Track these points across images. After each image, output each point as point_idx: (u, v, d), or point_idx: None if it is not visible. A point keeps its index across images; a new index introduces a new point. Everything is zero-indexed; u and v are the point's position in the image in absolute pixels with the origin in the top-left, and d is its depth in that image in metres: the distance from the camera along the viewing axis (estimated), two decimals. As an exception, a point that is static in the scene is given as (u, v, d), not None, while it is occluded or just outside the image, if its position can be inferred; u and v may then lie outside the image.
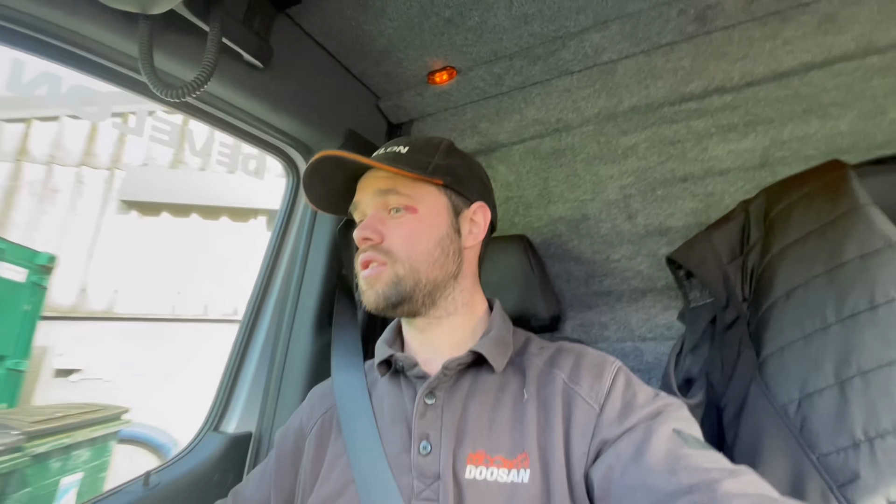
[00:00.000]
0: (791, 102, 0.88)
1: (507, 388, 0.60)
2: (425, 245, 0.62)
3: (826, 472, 0.55)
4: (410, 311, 0.63)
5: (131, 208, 6.58)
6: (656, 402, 0.54)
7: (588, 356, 0.61)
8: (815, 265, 0.65)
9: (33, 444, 2.89)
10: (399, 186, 0.64)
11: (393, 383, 0.66)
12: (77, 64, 0.70)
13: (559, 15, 0.92)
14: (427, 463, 0.55)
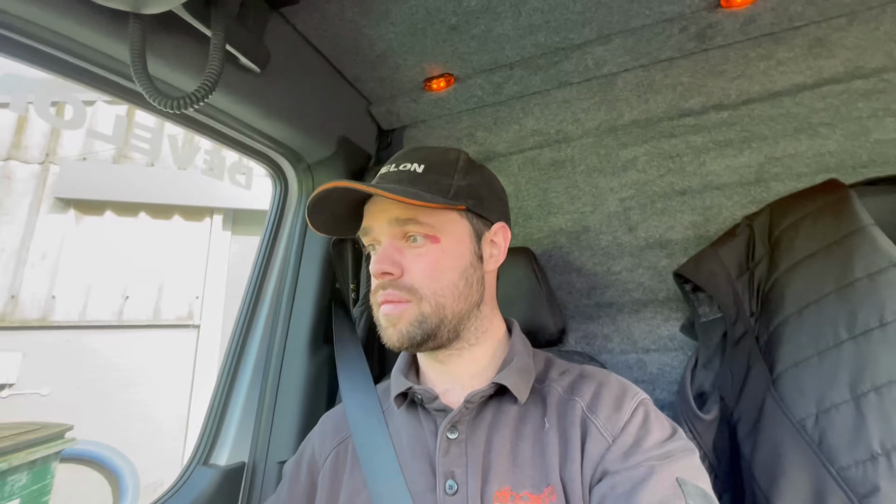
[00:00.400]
0: (783, 121, 0.92)
1: (528, 419, 0.58)
2: (449, 278, 0.58)
3: (847, 485, 0.58)
4: (435, 346, 0.60)
5: (69, 206, 6.05)
6: (668, 445, 0.52)
7: (609, 385, 0.59)
8: (825, 283, 0.67)
9: (-37, 471, 2.61)
10: (419, 215, 0.58)
11: (411, 415, 0.63)
12: (63, 70, 0.62)
13: (565, 27, 0.91)
14: (455, 503, 0.53)
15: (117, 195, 6.02)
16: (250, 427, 0.94)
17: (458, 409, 0.57)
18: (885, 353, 0.60)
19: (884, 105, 0.86)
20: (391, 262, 0.57)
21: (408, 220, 0.58)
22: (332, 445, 0.67)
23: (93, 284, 5.82)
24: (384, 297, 0.57)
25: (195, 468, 0.87)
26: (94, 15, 0.56)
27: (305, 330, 1.01)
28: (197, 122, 0.83)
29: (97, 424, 5.10)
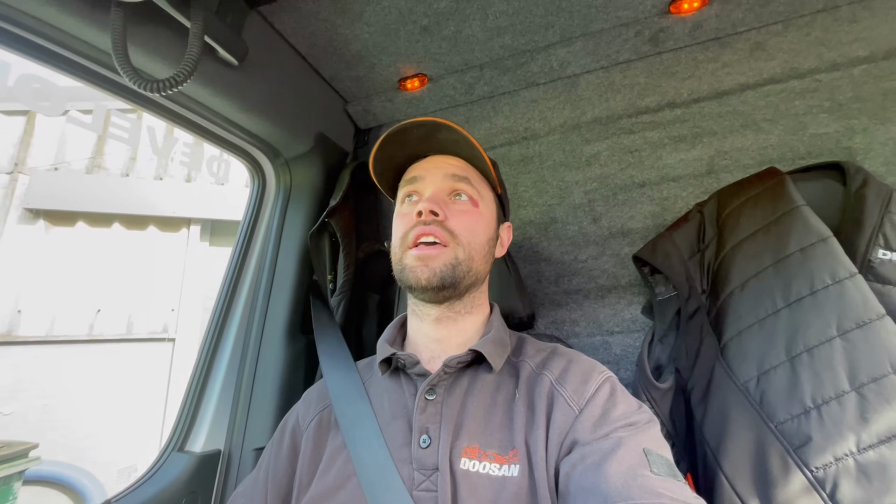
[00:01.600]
0: (730, 118, 0.99)
1: (501, 388, 0.62)
2: (481, 238, 0.66)
3: (783, 437, 0.63)
4: (450, 296, 0.64)
5: (38, 217, 5.87)
6: (634, 416, 0.55)
7: (579, 362, 0.63)
8: (763, 258, 0.74)
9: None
10: (472, 177, 0.67)
11: (393, 381, 0.67)
12: (42, 56, 0.64)
13: (529, 30, 0.98)
14: (426, 455, 0.57)
15: (90, 206, 5.87)
16: (226, 414, 0.94)
17: (437, 373, 0.61)
18: (815, 318, 0.66)
19: (817, 102, 0.94)
20: (440, 205, 0.63)
21: (464, 177, 0.66)
22: (316, 411, 0.70)
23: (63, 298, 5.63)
24: (423, 231, 0.62)
25: (170, 454, 0.87)
26: (76, 3, 0.59)
27: (283, 320, 1.03)
28: (177, 115, 0.85)
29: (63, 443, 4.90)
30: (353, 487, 0.58)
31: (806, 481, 0.60)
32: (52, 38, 0.62)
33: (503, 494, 0.52)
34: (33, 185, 5.86)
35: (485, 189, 0.69)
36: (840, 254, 0.68)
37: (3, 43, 0.60)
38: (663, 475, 0.46)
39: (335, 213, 1.05)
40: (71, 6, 0.59)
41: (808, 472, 0.60)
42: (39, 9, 0.58)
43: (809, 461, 0.60)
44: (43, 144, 6.12)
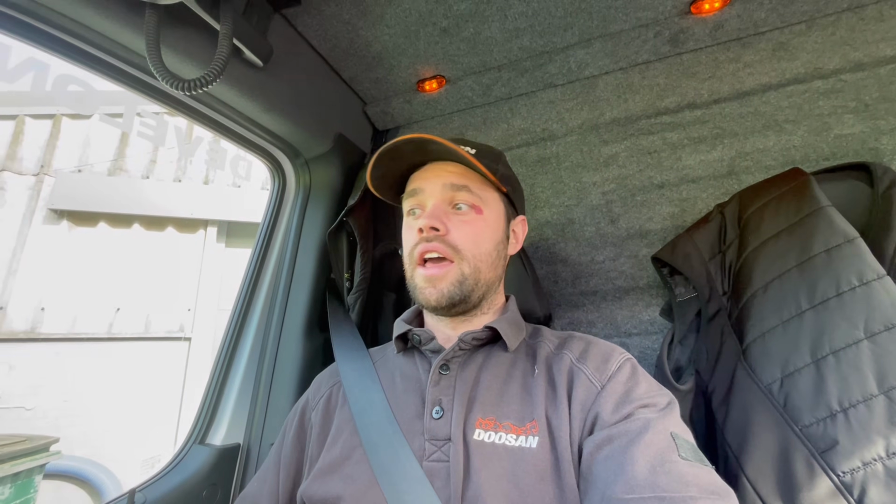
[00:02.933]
0: (752, 118, 0.98)
1: (518, 365, 0.62)
2: (487, 246, 0.65)
3: (809, 441, 0.62)
4: (464, 310, 0.65)
5: (62, 217, 6.04)
6: (657, 396, 0.54)
7: (599, 344, 0.64)
8: (787, 260, 0.73)
9: (-55, 482, 2.56)
10: (472, 185, 0.65)
11: (407, 357, 0.68)
12: (72, 55, 0.66)
13: (548, 31, 0.98)
14: (439, 426, 0.57)
15: (111, 207, 6.02)
16: (246, 409, 0.96)
17: (452, 348, 0.61)
18: (842, 320, 0.65)
19: (842, 103, 0.93)
20: (440, 220, 0.62)
21: (462, 186, 0.65)
22: (326, 388, 0.72)
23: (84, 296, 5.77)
24: (426, 248, 0.62)
25: (192, 446, 0.89)
26: (112, 6, 0.61)
27: (301, 317, 1.04)
28: (203, 115, 0.88)
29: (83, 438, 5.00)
30: (358, 458, 0.59)
31: (832, 486, 0.58)
32: (88, 40, 0.64)
33: (521, 465, 0.51)
34: (58, 187, 6.03)
35: (488, 191, 0.68)
36: (867, 255, 0.67)
37: (44, 44, 0.62)
38: (691, 460, 0.46)
39: (353, 212, 1.06)
40: (107, 9, 0.61)
41: (835, 476, 0.59)
42: (78, 12, 0.60)
43: (836, 465, 0.59)
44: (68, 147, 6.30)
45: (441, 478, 0.53)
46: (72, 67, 0.68)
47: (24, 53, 4.64)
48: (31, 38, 0.61)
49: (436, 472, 0.54)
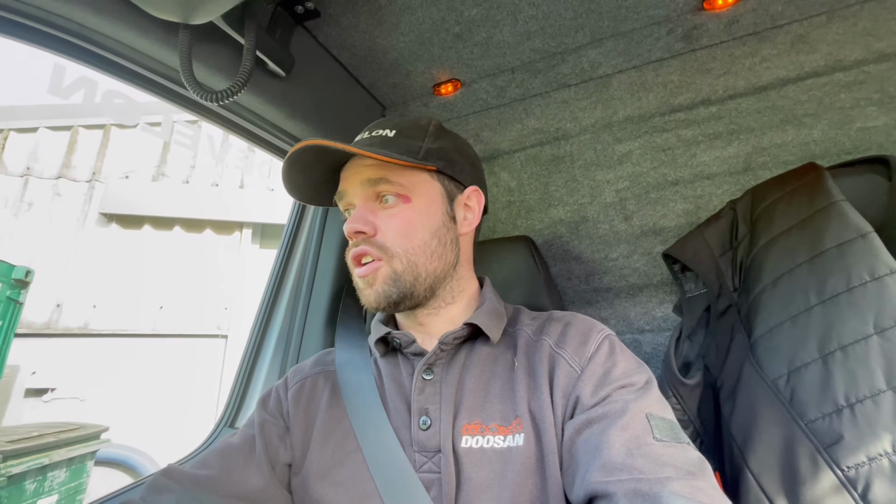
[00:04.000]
0: (769, 113, 0.97)
1: (500, 359, 0.61)
2: (421, 236, 0.60)
3: (814, 436, 0.62)
4: (412, 305, 0.62)
5: (111, 221, 6.44)
6: (634, 374, 0.54)
7: (576, 323, 0.61)
8: (797, 255, 0.72)
9: (8, 464, 2.79)
10: (390, 174, 0.60)
11: (391, 361, 0.65)
12: (114, 70, 0.74)
13: (559, 32, 1.00)
14: (427, 437, 0.56)
15: (155, 210, 6.38)
16: (272, 397, 1.02)
17: (433, 351, 0.59)
18: (851, 315, 0.64)
19: (865, 95, 0.90)
20: (363, 222, 0.59)
21: (379, 179, 0.60)
22: (309, 373, 0.70)
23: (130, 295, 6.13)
24: (355, 253, 0.60)
25: (222, 430, 0.96)
26: (149, 26, 0.68)
27: (322, 313, 1.10)
28: (232, 122, 0.94)
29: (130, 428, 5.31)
30: (354, 463, 0.57)
31: (836, 480, 0.58)
32: (130, 57, 0.72)
33: (510, 466, 0.52)
34: (108, 192, 6.44)
35: (413, 175, 0.61)
36: (881, 250, 0.66)
37: (93, 63, 0.70)
38: (667, 440, 0.46)
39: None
40: (146, 29, 0.68)
41: (839, 471, 0.58)
42: (122, 33, 0.68)
43: (840, 460, 0.59)
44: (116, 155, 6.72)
45: (434, 489, 0.53)
46: (117, 83, 0.75)
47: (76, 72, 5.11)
48: (81, 59, 0.69)
49: (428, 483, 0.54)
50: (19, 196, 6.20)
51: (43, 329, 5.82)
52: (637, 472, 0.43)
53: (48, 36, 0.65)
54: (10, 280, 4.04)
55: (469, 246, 0.69)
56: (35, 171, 6.30)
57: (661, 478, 0.42)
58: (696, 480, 0.42)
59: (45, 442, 3.16)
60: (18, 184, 6.25)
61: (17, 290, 4.13)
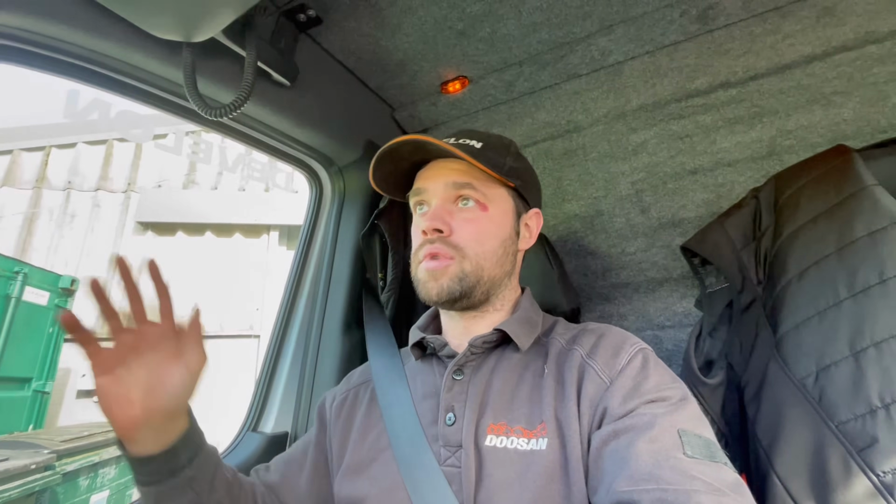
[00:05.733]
0: (795, 93, 0.91)
1: (530, 366, 0.62)
2: (492, 244, 0.65)
3: (846, 438, 0.58)
4: (467, 305, 0.65)
5: (147, 229, 6.73)
6: (667, 390, 0.53)
7: (610, 336, 0.62)
8: (825, 245, 0.68)
9: (63, 462, 2.96)
10: (476, 181, 0.65)
11: (426, 364, 0.70)
12: (124, 91, 0.76)
13: (566, 22, 0.97)
14: (452, 432, 0.58)
15: (187, 217, 6.62)
16: (293, 399, 1.05)
17: (463, 353, 0.62)
18: (885, 309, 0.60)
19: None
20: (442, 221, 0.63)
21: (465, 184, 0.65)
22: (354, 385, 0.77)
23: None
24: (430, 251, 0.63)
25: (246, 433, 0.99)
26: (154, 47, 0.69)
27: (339, 314, 1.12)
28: (240, 133, 0.96)
29: (172, 426, 5.57)
30: (385, 459, 0.61)
31: (871, 486, 0.55)
32: (136, 76, 0.74)
33: (532, 468, 0.52)
34: (142, 202, 6.72)
35: (494, 187, 0.66)
36: (918, 238, 0.61)
37: (102, 85, 0.72)
38: (699, 457, 0.45)
39: (384, 215, 1.11)
40: (151, 50, 0.70)
41: (874, 476, 0.55)
42: (128, 55, 0.70)
43: (875, 465, 0.55)
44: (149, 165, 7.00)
45: (455, 482, 0.55)
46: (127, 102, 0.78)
47: (90, 95, 5.45)
48: (93, 82, 0.72)
49: (451, 476, 0.56)
50: (63, 209, 6.55)
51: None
52: (664, 482, 0.42)
53: (61, 63, 0.68)
54: (58, 289, 4.29)
55: (521, 261, 0.73)
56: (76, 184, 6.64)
57: (688, 489, 0.41)
58: (725, 498, 0.40)
59: (94, 441, 3.34)
60: (61, 197, 6.61)
61: (64, 298, 4.37)
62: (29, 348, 3.99)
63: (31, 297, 3.96)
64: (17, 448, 2.74)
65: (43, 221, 6.47)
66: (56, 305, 4.22)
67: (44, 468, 2.72)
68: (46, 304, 4.13)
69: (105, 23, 0.64)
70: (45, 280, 4.13)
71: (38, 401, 4.12)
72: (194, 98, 0.70)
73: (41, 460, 2.68)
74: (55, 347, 4.27)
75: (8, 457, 2.48)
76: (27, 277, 3.88)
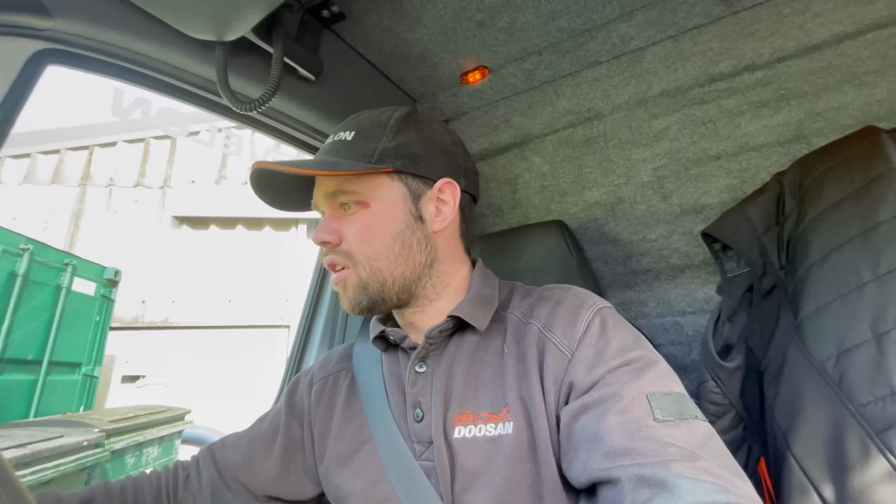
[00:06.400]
0: (825, 74, 0.89)
1: (489, 346, 0.60)
2: (382, 242, 0.59)
3: (865, 420, 0.58)
4: (388, 308, 0.63)
5: (182, 223, 7.01)
6: (630, 353, 0.51)
7: (566, 301, 0.59)
8: (849, 228, 0.67)
9: (111, 440, 3.15)
10: (344, 184, 0.60)
11: (392, 356, 0.67)
12: (163, 89, 0.82)
13: (585, 9, 0.97)
14: (421, 428, 0.58)
15: (219, 211, 6.87)
16: (320, 381, 1.10)
17: (422, 345, 0.60)
18: (910, 291, 0.59)
19: None
20: (328, 231, 0.60)
21: (335, 191, 0.61)
22: (334, 370, 0.74)
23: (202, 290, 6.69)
24: (327, 263, 0.62)
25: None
26: (189, 46, 0.74)
27: (364, 302, 1.16)
28: (268, 126, 1.01)
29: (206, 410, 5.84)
30: (367, 452, 0.61)
31: (889, 467, 0.54)
32: (174, 75, 0.79)
33: (500, 453, 0.52)
34: (178, 197, 7.01)
35: (370, 179, 0.60)
36: (947, 220, 0.60)
37: (144, 84, 0.78)
38: (670, 418, 0.45)
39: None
40: (187, 50, 0.75)
41: (893, 457, 0.54)
42: (166, 55, 0.75)
43: (894, 446, 0.55)
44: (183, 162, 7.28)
45: (433, 476, 0.55)
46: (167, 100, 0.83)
47: (133, 94, 5.80)
48: (136, 81, 0.77)
49: (428, 471, 0.56)
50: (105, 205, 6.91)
51: (132, 323, 6.50)
52: (640, 455, 0.42)
53: (109, 65, 0.74)
54: (103, 280, 4.55)
55: (451, 241, 0.66)
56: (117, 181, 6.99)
57: (664, 460, 0.41)
58: (700, 461, 0.41)
59: (139, 422, 3.55)
60: (104, 194, 6.97)
61: (109, 289, 4.64)
62: (78, 335, 4.26)
63: (80, 287, 4.22)
64: (70, 426, 2.95)
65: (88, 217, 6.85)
66: (102, 296, 4.49)
67: (94, 445, 2.91)
68: (93, 294, 4.40)
69: (147, 26, 0.69)
70: (91, 271, 4.39)
71: (87, 384, 4.41)
72: (226, 94, 0.74)
73: (92, 438, 2.87)
74: (102, 335, 4.55)
75: (62, 434, 2.67)
76: (76, 269, 4.13)
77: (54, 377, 4.01)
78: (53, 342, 3.94)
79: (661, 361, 0.52)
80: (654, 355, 0.53)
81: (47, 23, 0.62)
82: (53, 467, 2.45)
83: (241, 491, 0.68)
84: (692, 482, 0.38)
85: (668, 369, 0.52)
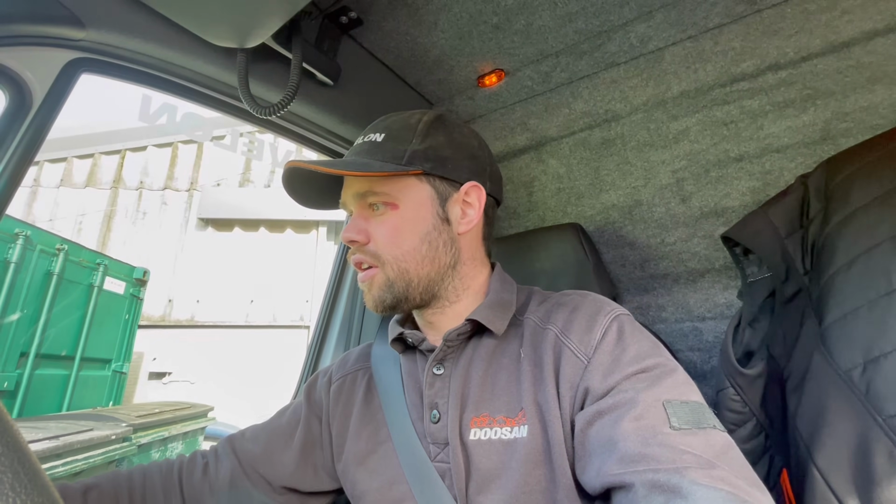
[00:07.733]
0: (853, 73, 0.86)
1: (506, 350, 0.61)
2: (410, 243, 0.60)
3: (893, 432, 0.55)
4: (411, 307, 0.64)
5: (207, 225, 7.21)
6: (647, 360, 0.51)
7: (583, 308, 0.59)
8: (878, 232, 0.64)
9: (138, 435, 3.26)
10: (374, 185, 0.61)
11: (410, 357, 0.68)
12: (188, 95, 0.85)
13: (602, 10, 0.96)
14: (437, 430, 0.59)
15: (243, 213, 7.04)
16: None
17: (440, 347, 0.61)
18: (942, 298, 0.56)
19: None
20: (357, 230, 0.61)
21: (365, 192, 0.62)
22: (352, 369, 0.75)
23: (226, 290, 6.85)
24: (354, 261, 0.63)
25: (294, 409, 1.07)
26: (211, 54, 0.77)
27: (380, 303, 1.18)
28: (288, 130, 1.03)
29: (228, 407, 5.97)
30: (384, 452, 0.62)
31: (919, 482, 0.52)
32: (197, 81, 0.82)
33: (514, 456, 0.52)
34: (203, 199, 7.20)
35: (400, 181, 0.61)
36: (984, 223, 0.57)
37: (169, 90, 0.81)
38: (686, 427, 0.44)
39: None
40: (209, 57, 0.77)
41: (923, 472, 0.52)
42: (190, 62, 0.77)
43: (925, 460, 0.52)
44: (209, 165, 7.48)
45: (447, 478, 0.56)
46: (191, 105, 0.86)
47: (159, 100, 6.02)
48: (162, 87, 0.80)
49: (442, 472, 0.56)
50: (136, 207, 7.16)
51: (159, 321, 6.71)
52: (655, 462, 0.41)
53: (138, 72, 0.77)
54: (132, 279, 4.71)
55: (474, 243, 0.67)
56: (146, 184, 7.24)
57: (679, 467, 0.40)
58: (717, 470, 0.40)
59: (165, 418, 3.66)
60: (134, 196, 7.22)
61: (138, 288, 4.80)
62: (108, 333, 4.43)
63: (111, 286, 4.38)
64: (100, 420, 3.05)
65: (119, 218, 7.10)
66: (131, 294, 4.65)
67: (122, 439, 3.01)
68: (123, 293, 4.56)
69: (172, 35, 0.72)
70: (121, 271, 4.56)
71: (116, 380, 4.56)
72: (247, 98, 0.77)
73: (120, 432, 2.98)
74: (131, 332, 4.71)
75: (92, 427, 2.78)
76: (107, 269, 4.30)
77: (86, 373, 4.17)
78: (85, 339, 4.10)
79: (680, 370, 0.52)
80: (672, 363, 0.52)
81: (81, 33, 0.65)
82: (83, 459, 2.54)
83: (259, 481, 0.70)
84: (707, 490, 0.37)
85: (687, 378, 0.51)
